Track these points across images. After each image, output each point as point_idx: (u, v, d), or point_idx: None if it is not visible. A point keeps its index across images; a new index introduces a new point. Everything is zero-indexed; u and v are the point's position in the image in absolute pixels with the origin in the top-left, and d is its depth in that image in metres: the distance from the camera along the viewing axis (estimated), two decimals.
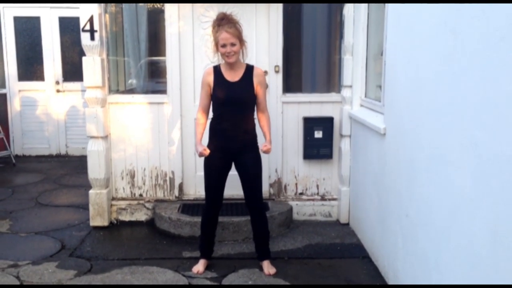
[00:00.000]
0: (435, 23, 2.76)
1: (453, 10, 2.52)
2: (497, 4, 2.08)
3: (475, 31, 2.28)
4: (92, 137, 4.89)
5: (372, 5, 4.52)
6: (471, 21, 2.32)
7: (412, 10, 3.19)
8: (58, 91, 8.00)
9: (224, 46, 3.64)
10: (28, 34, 7.94)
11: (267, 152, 3.79)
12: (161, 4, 5.16)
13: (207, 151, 3.74)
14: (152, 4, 5.46)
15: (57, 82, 7.99)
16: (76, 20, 6.96)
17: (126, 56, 5.31)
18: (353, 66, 4.80)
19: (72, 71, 7.94)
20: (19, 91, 7.99)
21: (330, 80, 5.18)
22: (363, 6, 4.61)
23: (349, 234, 4.79)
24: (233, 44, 3.63)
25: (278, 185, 5.15)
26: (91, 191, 4.95)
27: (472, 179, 2.30)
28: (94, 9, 4.72)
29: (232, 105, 3.74)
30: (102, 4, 4.83)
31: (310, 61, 5.24)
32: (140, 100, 5.05)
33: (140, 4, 5.20)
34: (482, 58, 2.21)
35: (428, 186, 2.86)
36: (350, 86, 4.84)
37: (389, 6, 3.70)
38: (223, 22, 3.64)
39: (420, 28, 3.02)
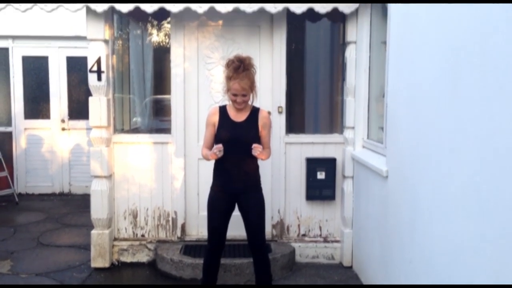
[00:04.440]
0: (436, 70, 2.81)
1: (453, 59, 2.57)
2: (496, 54, 2.13)
3: (475, 80, 2.32)
4: (96, 176, 4.91)
5: (374, 47, 4.60)
6: (471, 70, 2.36)
7: (413, 55, 3.25)
8: (63, 129, 8.07)
9: (235, 95, 3.67)
10: (35, 73, 8.08)
11: (256, 149, 3.64)
12: (167, 42, 5.27)
13: (220, 146, 3.66)
14: (158, 42, 5.59)
15: (63, 120, 8.07)
16: (83, 59, 7.09)
17: (131, 94, 5.40)
18: (355, 107, 4.85)
19: (78, 109, 8.03)
20: (25, 129, 8.07)
21: (333, 121, 5.23)
22: (365, 48, 4.69)
23: (352, 277, 4.73)
24: (244, 95, 3.67)
25: (280, 226, 5.13)
26: (93, 231, 4.93)
27: (474, 225, 2.29)
28: (101, 50, 4.82)
29: (236, 145, 3.75)
30: (110, 45, 4.93)
31: (313, 102, 5.30)
32: (145, 139, 5.09)
33: (147, 42, 5.32)
34: (482, 106, 2.24)
35: (431, 231, 2.85)
36: (353, 128, 4.88)
37: (390, 50, 3.77)
38: (239, 71, 3.62)
39: (421, 73, 3.07)
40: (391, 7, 3.76)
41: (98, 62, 4.82)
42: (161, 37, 5.69)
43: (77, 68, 8.06)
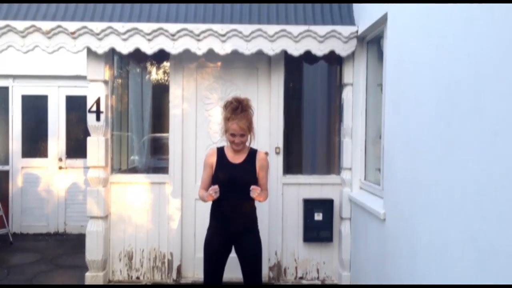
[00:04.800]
0: (431, 112, 2.84)
1: (449, 103, 2.60)
2: (490, 98, 2.15)
3: (470, 125, 2.34)
4: (92, 217, 4.88)
5: (370, 89, 4.65)
6: (466, 116, 2.39)
7: (408, 97, 3.28)
8: (60, 168, 8.05)
9: (233, 135, 3.68)
10: (34, 112, 8.11)
11: (254, 191, 3.64)
12: (166, 79, 5.33)
13: (216, 187, 3.63)
14: (157, 80, 5.65)
15: (60, 159, 8.06)
16: (82, 98, 7.13)
17: (129, 132, 5.42)
18: (352, 149, 4.87)
19: (76, 147, 8.03)
20: (22, 168, 8.04)
21: (330, 162, 5.24)
22: (362, 90, 4.75)
23: None
24: (242, 135, 3.68)
25: (277, 268, 5.07)
26: (87, 274, 4.86)
27: (473, 271, 2.27)
28: (101, 91, 4.87)
29: (233, 186, 3.73)
30: (109, 85, 4.98)
31: (310, 143, 5.33)
32: (142, 180, 5.08)
33: (146, 80, 5.39)
34: (478, 148, 2.25)
35: (430, 275, 2.82)
36: (350, 169, 4.89)
37: (386, 92, 3.81)
38: (237, 112, 3.65)
39: (417, 116, 3.10)
40: (387, 50, 3.83)
41: (97, 102, 4.86)
42: (160, 75, 5.77)
43: (76, 107, 8.09)
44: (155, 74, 5.75)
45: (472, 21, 2.35)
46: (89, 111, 4.88)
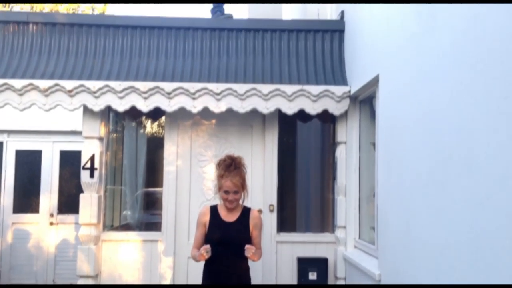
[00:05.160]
0: (425, 171, 2.86)
1: (441, 164, 2.63)
2: (482, 161, 2.18)
3: (462, 187, 2.36)
4: (82, 276, 4.77)
5: (363, 148, 4.70)
6: (458, 177, 2.41)
7: (401, 156, 3.32)
8: (51, 223, 7.95)
9: (227, 192, 3.68)
10: (28, 167, 8.08)
11: (249, 250, 3.60)
12: (161, 133, 5.36)
13: (208, 246, 3.57)
14: (152, 135, 5.69)
15: (51, 215, 7.96)
16: (77, 153, 7.13)
17: (123, 185, 5.40)
18: (346, 207, 4.86)
19: (68, 203, 7.95)
20: (13, 224, 7.93)
21: (324, 220, 5.22)
22: (355, 149, 4.80)
23: None
24: (236, 192, 3.68)
25: None
26: None
27: None
28: (96, 148, 4.88)
29: (226, 245, 3.69)
30: (104, 142, 5.00)
31: (304, 200, 5.32)
32: (134, 237, 5.01)
33: (140, 135, 5.42)
34: (469, 212, 2.27)
35: None
36: (344, 227, 4.86)
37: (379, 151, 3.85)
38: (231, 168, 3.68)
39: (410, 175, 3.12)
40: (379, 110, 3.90)
41: (92, 159, 4.87)
42: (155, 129, 5.81)
43: (70, 162, 8.08)
44: (150, 129, 5.81)
45: (463, 85, 2.42)
46: (83, 168, 4.87)
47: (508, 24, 1.99)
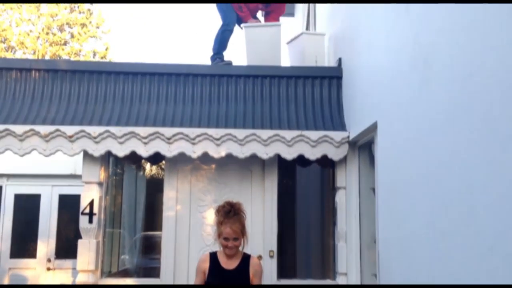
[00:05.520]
0: (426, 217, 2.85)
1: (441, 213, 2.62)
2: (483, 212, 2.18)
3: (463, 238, 2.35)
4: None
5: (363, 193, 4.69)
6: (459, 228, 2.41)
7: (402, 202, 3.31)
8: (48, 269, 7.84)
9: (226, 239, 3.66)
10: (26, 211, 8.04)
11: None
12: (161, 176, 5.36)
13: None
14: (151, 179, 5.69)
15: (49, 260, 7.87)
16: (76, 197, 7.09)
17: (122, 229, 5.36)
18: (347, 253, 4.81)
19: (66, 248, 7.86)
20: (9, 269, 7.83)
21: (325, 266, 5.16)
22: (354, 194, 4.79)
23: None
24: (235, 239, 3.67)
25: None
26: None
27: None
28: (95, 193, 4.88)
29: None
30: (104, 187, 5.00)
31: (304, 246, 5.28)
32: (133, 284, 4.94)
33: (140, 178, 5.42)
34: (472, 264, 2.25)
35: None
36: (345, 274, 4.79)
37: (379, 197, 3.85)
38: (230, 215, 3.67)
39: (411, 221, 3.11)
40: (378, 157, 3.92)
41: (91, 204, 4.85)
42: (155, 172, 5.81)
43: (68, 206, 8.04)
44: (149, 172, 5.81)
45: (461, 135, 2.44)
46: (82, 213, 4.85)
47: (504, 75, 2.03)
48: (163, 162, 5.23)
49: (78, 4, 17.76)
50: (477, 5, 2.26)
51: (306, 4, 8.49)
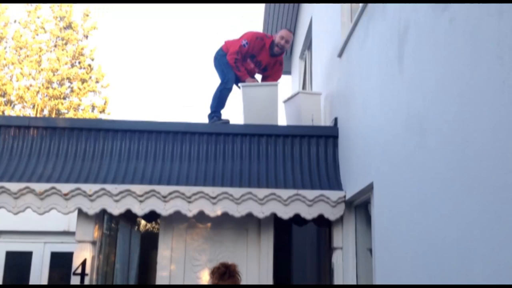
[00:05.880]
0: (423, 282, 2.81)
1: (439, 274, 2.59)
2: (480, 264, 2.15)
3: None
4: None
5: (360, 253, 4.63)
6: (454, 283, 2.37)
7: (399, 265, 3.26)
8: None
9: None
10: (17, 269, 7.90)
11: None
12: (156, 229, 5.29)
13: None
14: (146, 231, 5.61)
15: None
16: (69, 254, 6.99)
17: None
18: None
19: None
20: None
21: None
22: (351, 255, 4.72)
23: None
24: None
25: None
26: None
27: None
28: (88, 252, 4.80)
29: None
30: (97, 245, 4.92)
31: None
32: None
33: (134, 236, 5.35)
34: None
35: None
36: None
37: (376, 259, 3.79)
38: (225, 277, 3.62)
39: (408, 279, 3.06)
40: (375, 217, 3.90)
41: (83, 264, 4.77)
42: (150, 227, 5.75)
43: (60, 263, 7.91)
44: (144, 228, 5.75)
45: (456, 197, 2.44)
46: (74, 274, 4.75)
47: (500, 139, 2.06)
48: (158, 220, 5.18)
49: (79, 59, 18.10)
50: (470, 69, 2.32)
51: (303, 63, 8.69)
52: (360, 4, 4.40)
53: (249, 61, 6.14)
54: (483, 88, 2.19)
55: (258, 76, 6.50)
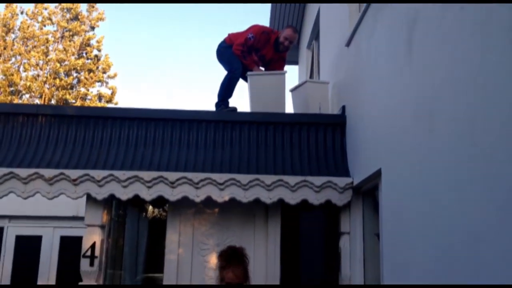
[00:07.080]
0: (430, 266, 2.83)
1: (446, 258, 2.61)
2: (487, 261, 2.17)
3: (468, 281, 2.33)
4: None
5: (367, 238, 4.66)
6: (463, 271, 2.39)
7: (406, 248, 3.29)
8: None
9: (229, 284, 3.63)
10: (27, 253, 7.99)
11: None
12: (164, 218, 5.34)
13: None
14: (154, 220, 5.67)
15: None
16: (78, 239, 7.05)
17: (122, 270, 5.31)
18: None
19: None
20: None
21: None
22: (359, 239, 4.75)
23: None
24: (238, 285, 3.63)
25: None
26: None
27: None
28: (97, 236, 4.86)
29: None
30: (106, 229, 4.98)
31: None
32: None
33: (143, 220, 5.40)
34: None
35: None
36: None
37: (384, 243, 3.82)
38: (233, 260, 3.66)
39: (416, 268, 3.09)
40: (382, 203, 3.91)
41: (93, 247, 4.83)
42: (158, 212, 5.80)
43: (70, 247, 7.99)
44: (152, 214, 5.80)
45: (464, 183, 2.45)
46: (83, 256, 4.82)
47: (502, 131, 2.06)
48: (166, 205, 5.22)
49: (86, 50, 18.10)
50: (480, 57, 2.32)
51: (310, 53, 8.65)
52: None
53: (253, 54, 6.14)
54: (493, 76, 2.19)
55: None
